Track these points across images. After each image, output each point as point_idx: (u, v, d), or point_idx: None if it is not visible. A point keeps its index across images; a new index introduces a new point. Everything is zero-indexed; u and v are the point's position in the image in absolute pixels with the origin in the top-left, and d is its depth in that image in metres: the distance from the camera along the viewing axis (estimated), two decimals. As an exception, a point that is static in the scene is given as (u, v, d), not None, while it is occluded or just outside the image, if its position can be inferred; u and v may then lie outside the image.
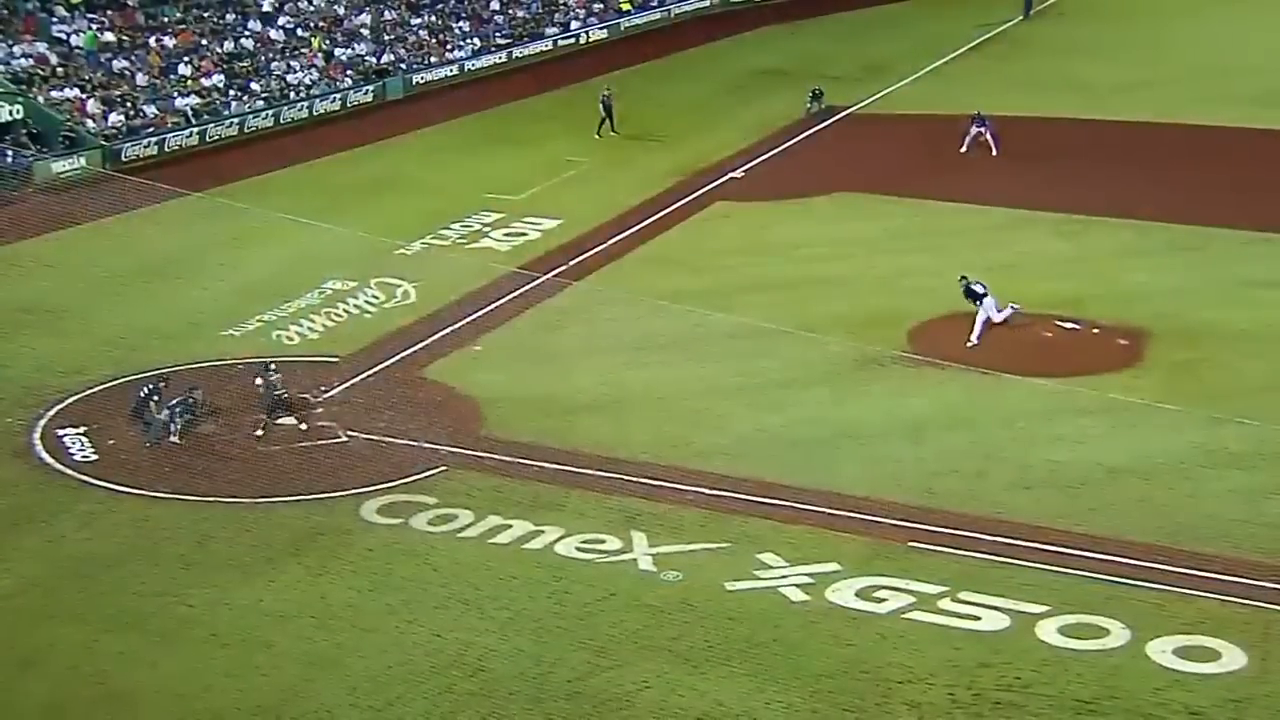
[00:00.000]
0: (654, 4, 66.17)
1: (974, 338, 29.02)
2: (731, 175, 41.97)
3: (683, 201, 39.51)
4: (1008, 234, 35.39)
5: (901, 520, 22.24)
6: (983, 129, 42.51)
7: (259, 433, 25.55)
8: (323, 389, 27.47)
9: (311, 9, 56.56)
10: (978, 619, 19.55)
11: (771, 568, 20.96)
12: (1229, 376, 27.25)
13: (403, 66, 54.77)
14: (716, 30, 63.81)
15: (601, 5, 64.87)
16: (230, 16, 53.77)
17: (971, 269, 31.20)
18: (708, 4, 68.58)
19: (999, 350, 28.58)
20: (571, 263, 34.74)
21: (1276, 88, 48.56)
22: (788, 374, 28.14)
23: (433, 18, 59.34)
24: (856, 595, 20.19)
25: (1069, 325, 29.78)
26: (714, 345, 29.57)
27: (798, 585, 20.48)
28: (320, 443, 25.39)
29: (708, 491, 23.32)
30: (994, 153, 42.18)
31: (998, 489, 23.32)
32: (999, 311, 29.27)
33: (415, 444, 25.23)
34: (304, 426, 25.75)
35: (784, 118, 47.83)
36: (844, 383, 27.73)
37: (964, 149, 42.48)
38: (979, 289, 29.32)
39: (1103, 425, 25.51)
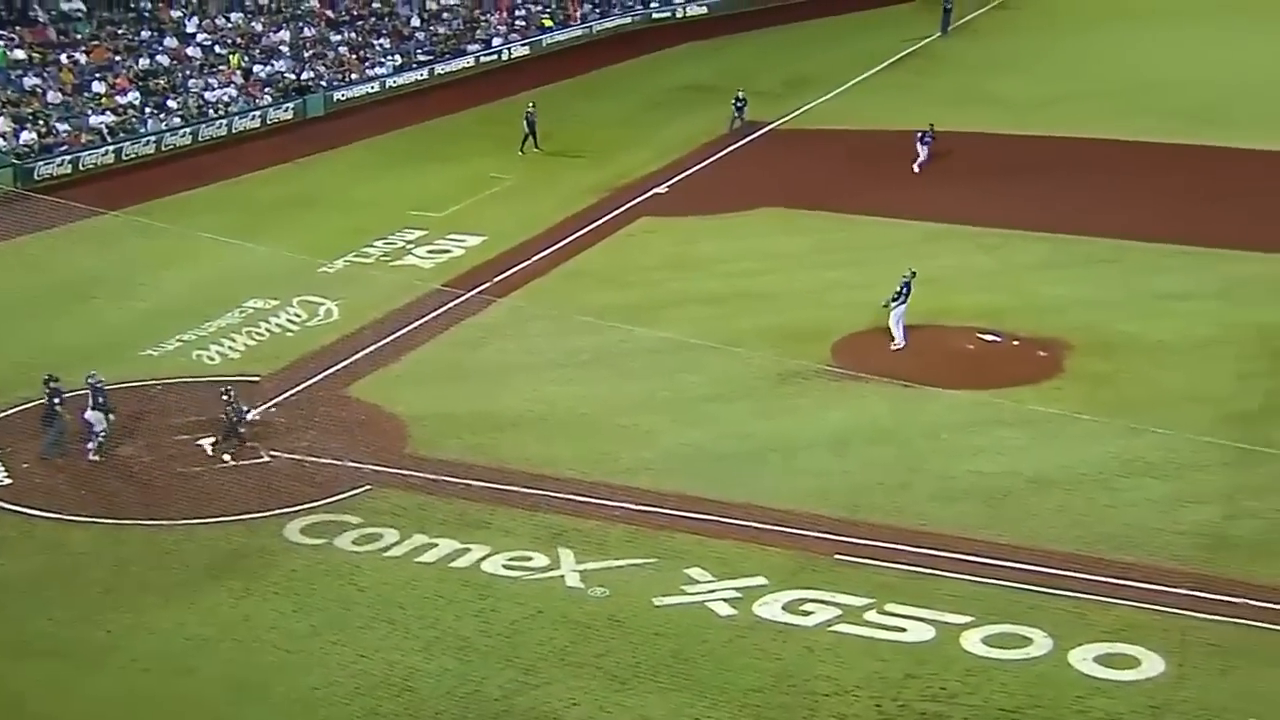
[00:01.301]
0: (575, 21, 66.34)
1: (900, 337, 29.40)
2: (656, 191, 42.19)
3: (607, 217, 39.66)
4: (930, 247, 35.86)
5: (827, 533, 22.46)
6: (925, 144, 42.73)
7: (226, 457, 25.19)
8: (244, 409, 27.21)
9: (229, 26, 56.12)
10: (903, 630, 19.78)
11: (698, 582, 21.09)
12: (1146, 387, 27.81)
13: (323, 83, 54.49)
14: (639, 47, 64.12)
15: (524, 22, 64.95)
16: (145, 33, 53.21)
17: (895, 283, 31.60)
18: (629, 20, 68.91)
19: (921, 363, 28.98)
20: (496, 279, 34.75)
21: (1190, 104, 49.62)
22: (713, 389, 28.33)
23: (353, 34, 59.10)
24: (783, 609, 20.35)
25: (990, 338, 30.25)
26: (639, 361, 29.70)
27: (725, 600, 20.62)
28: (242, 463, 25.18)
29: (634, 507, 23.41)
30: (916, 169, 42.62)
31: (922, 500, 23.64)
32: (894, 323, 29.65)
33: (339, 463, 25.11)
34: (228, 456, 25.36)
35: (708, 133, 48.16)
36: (769, 397, 27.96)
37: (915, 166, 42.60)
38: (904, 291, 29.62)
39: (1024, 436, 25.93)
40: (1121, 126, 46.82)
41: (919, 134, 43.02)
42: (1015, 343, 30.12)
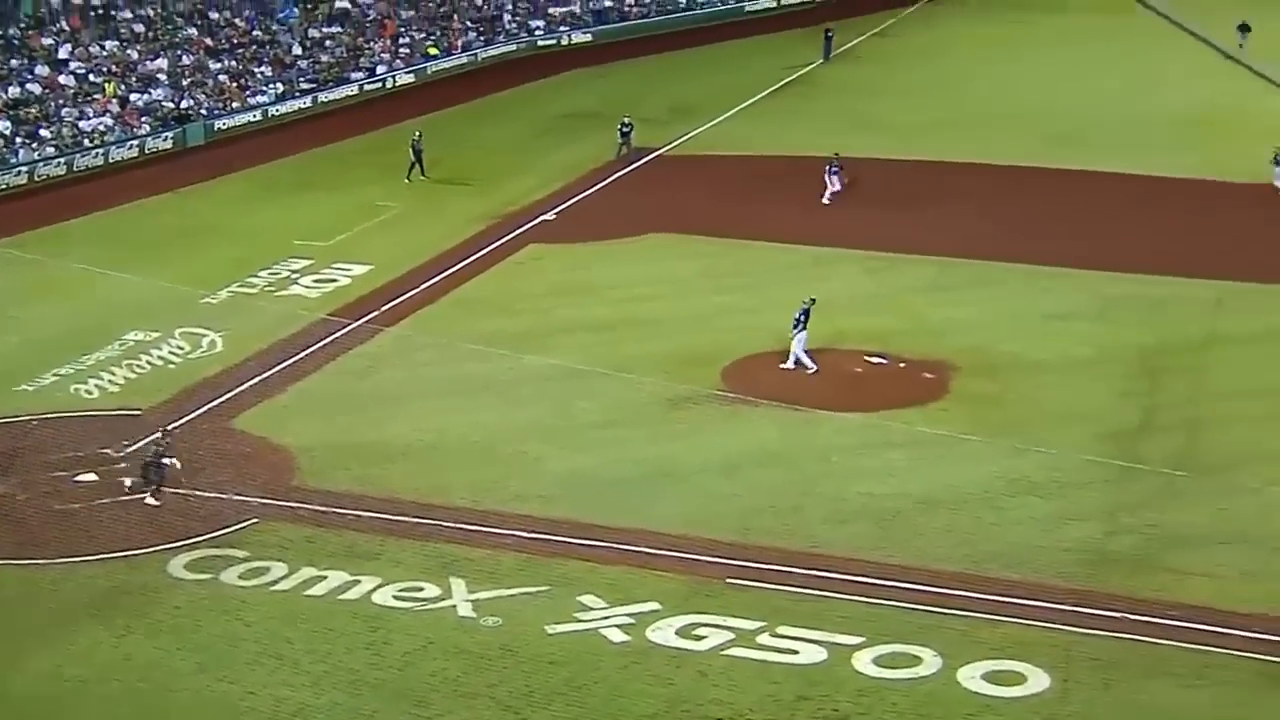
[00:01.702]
0: (457, 50, 66.21)
1: (809, 363, 29.71)
2: (544, 217, 42.23)
3: (495, 245, 39.59)
4: (818, 271, 36.32)
5: (719, 557, 22.59)
6: (835, 174, 43.06)
7: (150, 500, 24.43)
8: (124, 443, 26.69)
9: (104, 54, 55.13)
10: (796, 652, 19.95)
11: (592, 609, 21.07)
12: (1029, 407, 28.40)
13: (203, 112, 53.77)
14: (525, 74, 64.20)
15: (408, 50, 64.69)
16: (15, 62, 52.06)
17: (783, 306, 32.00)
18: (515, 48, 68.99)
19: (810, 386, 29.32)
20: (384, 308, 34.49)
21: (1063, 129, 50.96)
22: (604, 415, 28.38)
23: (234, 62, 58.40)
24: (677, 634, 20.41)
25: (877, 360, 30.69)
26: (529, 388, 29.66)
27: (618, 626, 20.62)
28: (123, 498, 24.64)
29: (526, 535, 23.35)
30: (824, 199, 42.76)
31: (812, 523, 23.88)
32: (797, 350, 29.95)
33: (224, 497, 24.70)
34: (151, 498, 24.68)
35: (595, 159, 48.36)
36: (660, 422, 28.09)
37: (825, 197, 42.80)
38: (803, 318, 29.91)
39: (912, 458, 26.35)
40: (997, 151, 47.92)
41: (827, 165, 43.22)
42: (902, 365, 30.60)
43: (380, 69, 62.38)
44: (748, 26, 75.46)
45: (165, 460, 24.71)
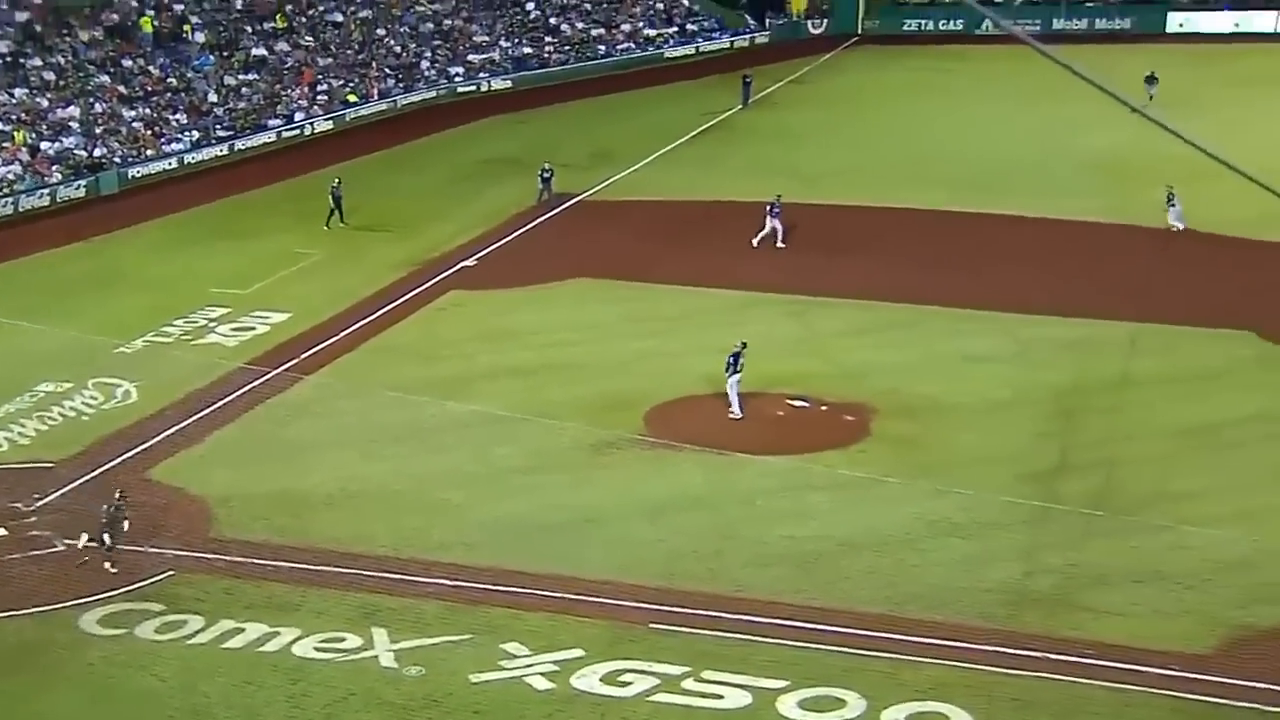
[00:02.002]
0: (374, 97, 66.11)
1: (737, 409, 29.82)
2: (465, 264, 42.21)
3: (416, 291, 39.50)
4: (738, 315, 36.56)
5: (644, 602, 22.60)
6: (773, 216, 43.31)
7: (108, 565, 23.71)
8: (36, 496, 26.23)
9: (13, 101, 54.44)
10: (720, 697, 19.99)
11: (516, 657, 20.99)
12: (948, 448, 28.75)
13: (117, 160, 53.22)
14: (445, 120, 64.30)
15: (326, 97, 64.53)
16: (-79, 109, 51.43)
17: (706, 351, 32.20)
18: (434, 95, 69.07)
19: (734, 430, 29.47)
20: (303, 356, 34.27)
21: (977, 174, 51.72)
22: (526, 461, 28.35)
23: (148, 110, 57.91)
24: (601, 680, 20.38)
25: (799, 403, 30.95)
26: (451, 434, 29.57)
27: (543, 674, 20.56)
28: (33, 553, 24.18)
29: (449, 583, 23.24)
30: (755, 241, 43.04)
31: (736, 567, 23.97)
32: (731, 395, 30.11)
33: (139, 549, 24.32)
34: (109, 564, 23.96)
35: (516, 205, 48.44)
36: (583, 467, 28.09)
37: (779, 241, 42.95)
38: (733, 361, 30.00)
39: (834, 500, 26.55)
40: (913, 195, 48.53)
41: (768, 206, 43.53)
42: (823, 408, 30.87)
43: (299, 116, 62.16)
44: (667, 73, 76.14)
45: (123, 522, 24.06)
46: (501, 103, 68.84)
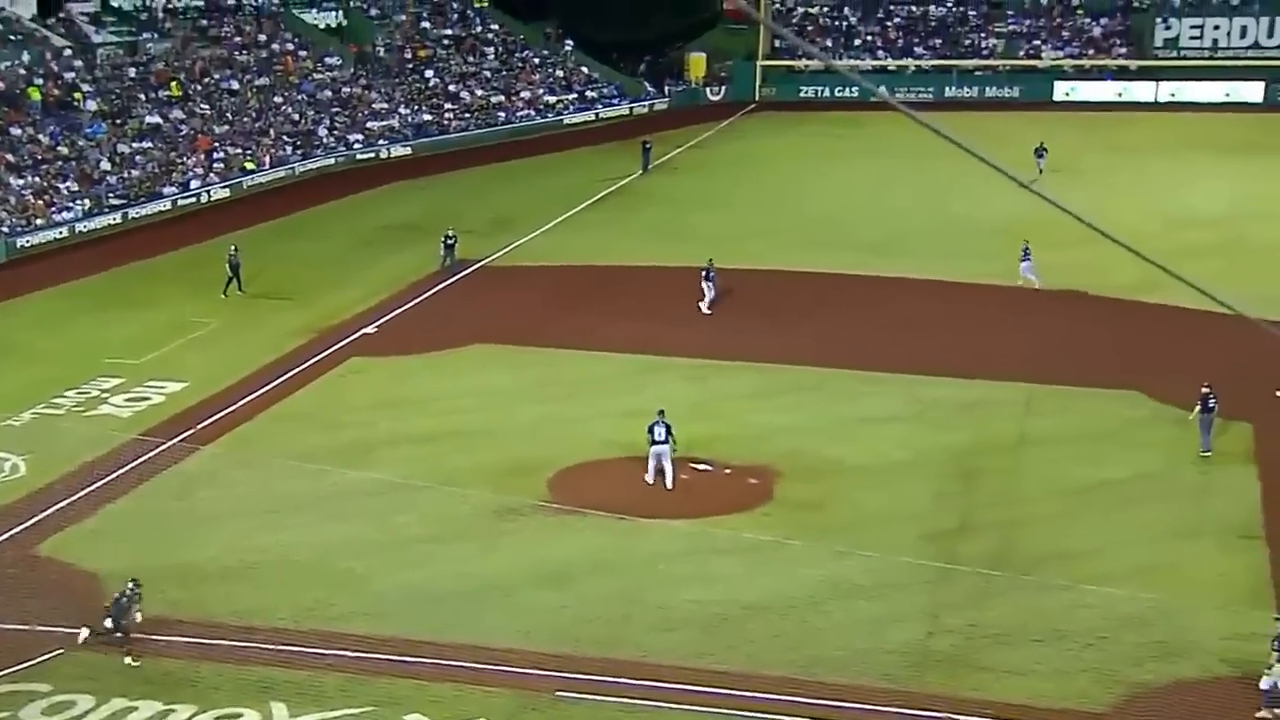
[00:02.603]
0: (266, 165, 65.77)
1: (650, 477, 29.76)
2: (365, 330, 41.99)
3: (315, 359, 39.19)
4: (642, 379, 36.78)
5: (549, 670, 22.51)
6: (708, 281, 43.59)
7: (129, 660, 22.72)
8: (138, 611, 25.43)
9: (-103, 168, 53.47)
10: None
11: (420, 729, 20.75)
12: (851, 510, 29.05)
13: (4, 230, 52.29)
14: (344, 187, 64.09)
15: (223, 164, 64.06)
16: None
17: (608, 415, 32.32)
18: (333, 161, 68.90)
19: (638, 494, 29.51)
20: (199, 426, 33.80)
21: (875, 238, 52.67)
22: (429, 529, 28.16)
23: (37, 178, 57.02)
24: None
25: (702, 467, 31.10)
26: (352, 503, 29.30)
27: (447, 745, 20.32)
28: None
29: (350, 654, 22.95)
30: (704, 307, 43.28)
31: (641, 632, 23.96)
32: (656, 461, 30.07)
33: (27, 628, 23.70)
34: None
35: (417, 271, 48.34)
36: (487, 535, 27.97)
37: (706, 306, 43.30)
38: (652, 430, 29.90)
39: (738, 564, 26.67)
40: (813, 259, 49.25)
41: (703, 271, 43.83)
42: (727, 471, 31.06)
43: (194, 183, 61.60)
44: (567, 139, 76.74)
45: (135, 611, 23.16)
46: (401, 169, 68.87)
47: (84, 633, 23.20)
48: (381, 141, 72.37)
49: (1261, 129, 74.34)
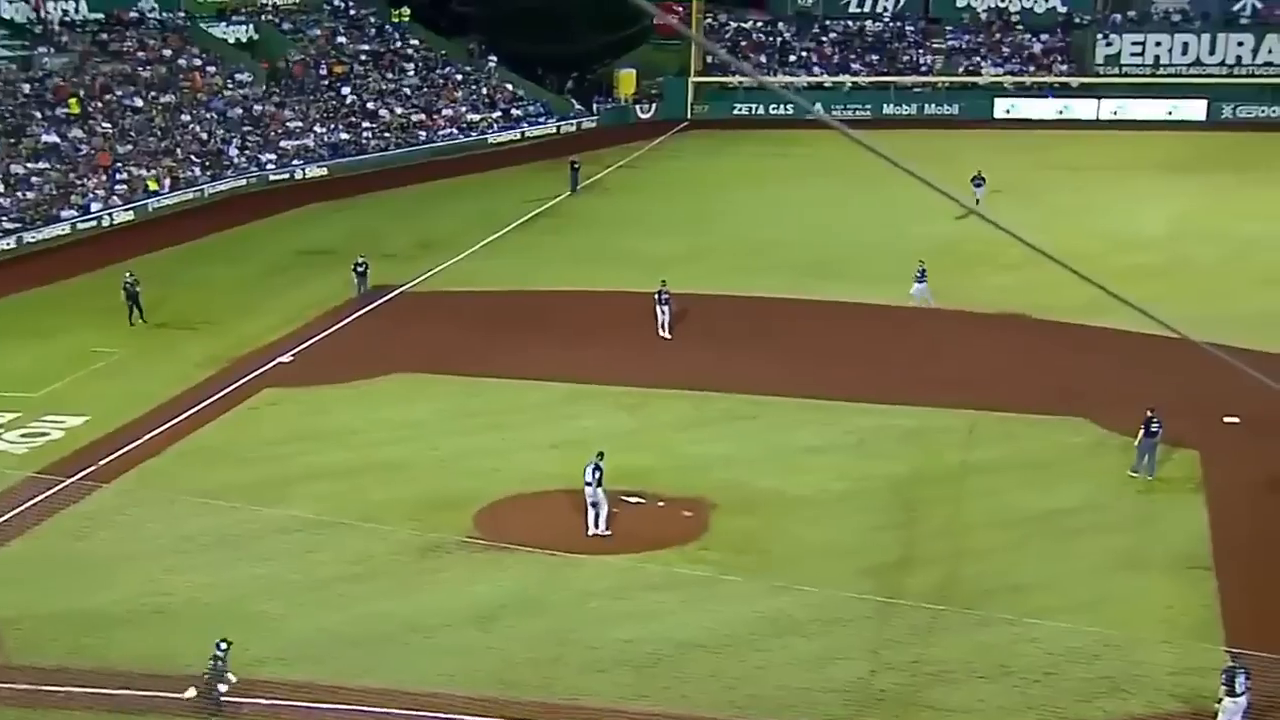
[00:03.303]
0: (183, 184, 65.23)
1: (601, 527, 29.42)
2: (280, 360, 41.67)
3: (227, 390, 38.82)
4: (571, 409, 36.78)
5: (476, 715, 22.41)
6: (664, 304, 43.71)
7: None
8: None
9: None
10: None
11: (338, 780, 20.57)
12: (789, 544, 29.18)
13: (-111, 256, 51.50)
14: (256, 210, 63.64)
15: (126, 185, 63.40)
16: None
17: (536, 447, 32.28)
18: (245, 183, 68.45)
19: (567, 529, 29.45)
20: (102, 462, 33.34)
21: (813, 259, 53.02)
22: (348, 568, 27.96)
23: (-76, 203, 56.28)
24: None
25: (635, 500, 31.10)
26: (267, 542, 29.05)
27: (367, 796, 20.18)
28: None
29: (265, 701, 22.70)
30: (664, 333, 43.37)
31: (572, 673, 23.91)
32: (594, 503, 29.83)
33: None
34: None
35: (335, 298, 48.06)
36: (409, 573, 27.81)
37: (665, 332, 43.40)
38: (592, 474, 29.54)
39: (672, 600, 26.70)
40: (748, 283, 49.52)
41: (656, 294, 43.88)
42: (661, 504, 31.09)
43: (95, 206, 60.92)
44: (492, 159, 76.79)
45: (225, 674, 22.55)
46: (317, 190, 68.55)
47: (190, 691, 22.54)
48: (296, 162, 72.03)
49: (1204, 147, 75.84)
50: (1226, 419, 35.07)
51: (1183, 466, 32.71)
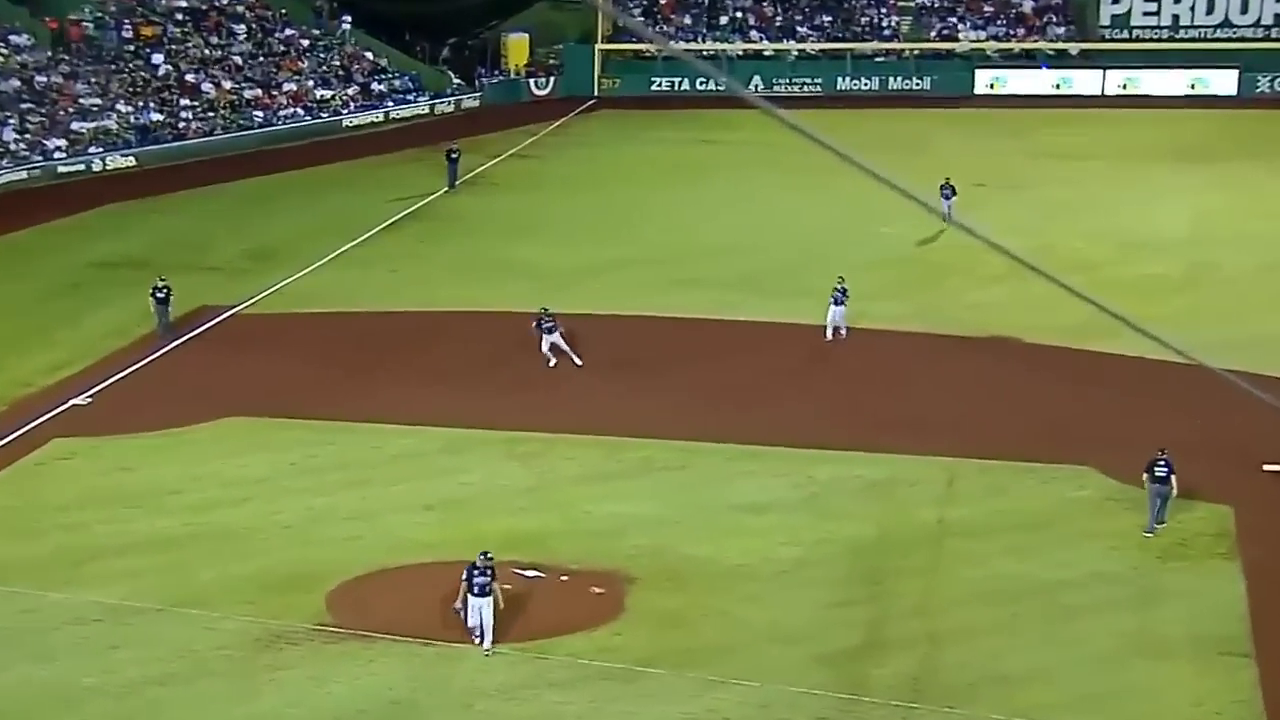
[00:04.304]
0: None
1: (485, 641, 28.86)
2: (74, 402, 41.29)
3: (4, 441, 38.40)
4: (449, 460, 36.73)
5: None
6: (550, 333, 43.43)
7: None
8: None
9: None
10: None
11: None
12: (725, 626, 29.30)
13: None
14: (41, 211, 62.97)
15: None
16: None
17: (407, 508, 32.20)
18: (24, 176, 67.78)
19: (444, 612, 29.32)
20: None
21: (755, 270, 53.22)
22: (164, 667, 27.75)
23: None
24: None
25: (530, 574, 31.09)
26: (58, 637, 28.80)
27: None
28: None
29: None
30: (550, 362, 43.31)
31: (453, 795, 23.88)
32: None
33: None
34: None
35: (143, 324, 47.65)
36: (243, 672, 27.64)
37: (552, 360, 43.46)
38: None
39: (580, 699, 26.73)
40: (671, 300, 49.67)
41: (536, 321, 43.87)
42: (563, 578, 31.12)
43: None
44: (348, 146, 76.79)
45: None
46: (122, 186, 68.14)
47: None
48: (93, 149, 71.57)
49: (1234, 129, 77.27)
50: (1267, 467, 35.56)
51: (1213, 525, 33.15)
